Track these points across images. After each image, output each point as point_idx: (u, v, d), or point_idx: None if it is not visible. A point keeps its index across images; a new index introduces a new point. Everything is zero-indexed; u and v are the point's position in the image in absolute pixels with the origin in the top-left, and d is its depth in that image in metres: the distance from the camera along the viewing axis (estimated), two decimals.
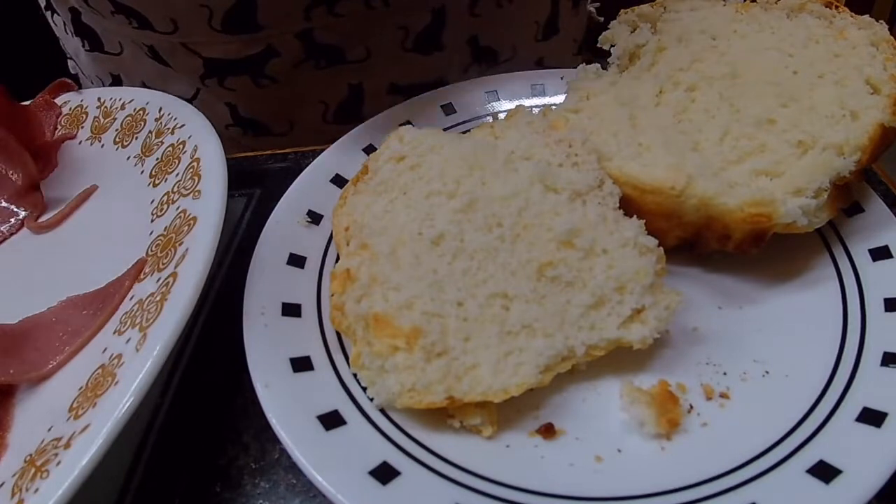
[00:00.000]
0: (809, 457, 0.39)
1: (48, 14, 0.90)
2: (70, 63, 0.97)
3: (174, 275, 0.45)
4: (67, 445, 0.38)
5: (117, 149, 0.64)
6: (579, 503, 0.39)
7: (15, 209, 0.64)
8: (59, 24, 0.89)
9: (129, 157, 0.62)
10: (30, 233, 0.62)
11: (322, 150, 0.61)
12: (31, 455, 0.40)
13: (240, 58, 0.75)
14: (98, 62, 0.86)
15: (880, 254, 0.49)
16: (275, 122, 0.84)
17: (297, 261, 0.52)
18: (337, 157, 0.60)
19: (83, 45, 0.85)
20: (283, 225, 0.54)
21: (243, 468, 0.45)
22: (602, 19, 0.99)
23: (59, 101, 0.71)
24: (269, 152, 0.72)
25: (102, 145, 0.66)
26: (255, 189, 0.66)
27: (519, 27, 0.84)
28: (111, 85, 0.86)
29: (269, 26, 0.72)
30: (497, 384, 0.42)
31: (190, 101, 0.84)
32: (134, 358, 0.41)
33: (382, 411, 0.43)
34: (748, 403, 0.43)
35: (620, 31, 0.60)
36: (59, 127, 0.70)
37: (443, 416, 0.43)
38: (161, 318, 0.42)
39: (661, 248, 0.47)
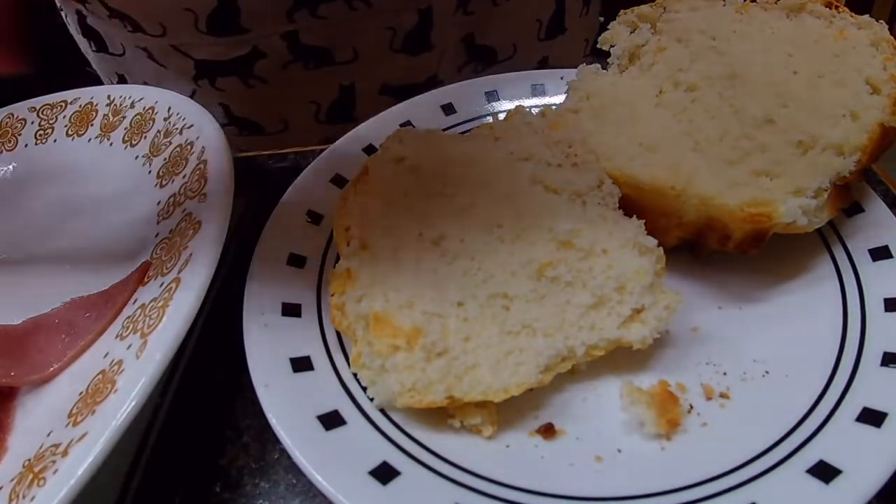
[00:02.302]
0: (809, 457, 0.39)
1: (63, 14, 0.91)
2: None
3: (177, 280, 0.45)
4: (65, 453, 0.38)
5: (126, 147, 0.64)
6: (579, 503, 0.39)
7: None
8: (71, 23, 0.90)
9: (137, 157, 0.62)
10: (32, 231, 0.62)
11: (322, 150, 0.61)
12: (29, 460, 0.40)
13: (227, 59, 0.76)
14: (104, 62, 0.87)
15: (880, 254, 0.49)
16: (268, 122, 0.84)
17: (297, 261, 0.52)
18: (337, 157, 0.60)
19: (90, 46, 0.87)
20: (283, 225, 0.54)
21: (243, 468, 0.45)
22: (602, 19, 0.99)
23: (68, 97, 0.71)
24: (269, 152, 0.72)
25: (111, 143, 0.66)
26: (255, 189, 0.66)
27: (519, 25, 0.83)
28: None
29: (254, 28, 0.73)
30: (497, 384, 0.42)
31: None
32: (134, 365, 0.41)
33: (382, 411, 0.43)
34: (748, 403, 0.43)
35: (620, 31, 0.60)
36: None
37: (443, 415, 0.43)
38: (162, 325, 0.42)
39: (661, 249, 0.47)
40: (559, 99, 0.61)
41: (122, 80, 0.87)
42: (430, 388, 0.42)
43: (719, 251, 0.50)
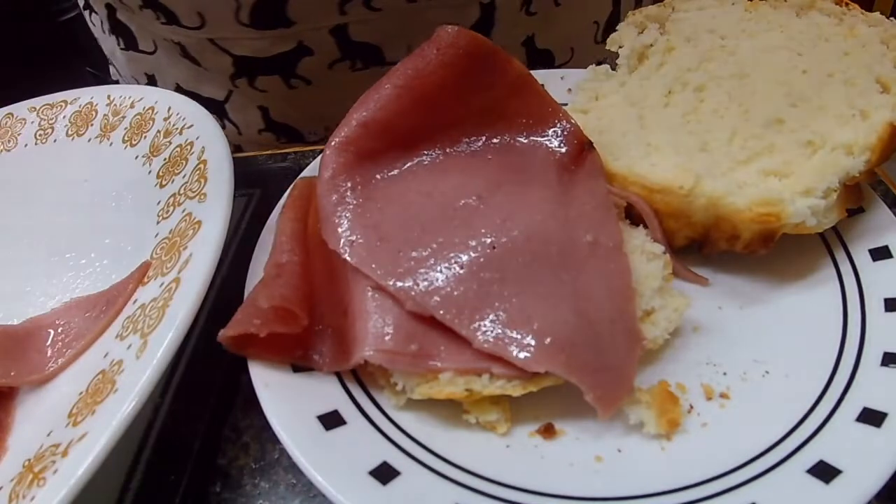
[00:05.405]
0: (809, 457, 0.39)
1: (86, 14, 0.88)
2: (112, 69, 0.95)
3: (177, 280, 0.45)
4: (65, 454, 0.38)
5: (126, 147, 0.64)
6: (579, 503, 0.39)
7: None
8: (96, 23, 0.86)
9: (137, 157, 0.63)
10: (32, 231, 0.62)
11: (322, 150, 0.61)
12: (29, 460, 0.40)
13: (269, 56, 0.72)
14: (133, 62, 0.83)
15: (880, 254, 0.49)
16: (309, 129, 0.81)
17: None
18: None
19: (119, 44, 0.83)
20: None
21: (243, 468, 0.45)
22: None
23: (68, 97, 0.71)
24: (268, 152, 0.72)
25: (111, 143, 0.66)
26: (255, 189, 0.66)
27: (578, 27, 0.80)
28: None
29: (301, 21, 0.69)
30: (515, 378, 0.42)
31: (222, 103, 0.79)
32: (134, 365, 0.41)
33: (382, 411, 0.43)
34: (748, 403, 0.43)
35: (628, 31, 0.60)
36: None
37: (444, 415, 0.43)
38: (162, 326, 0.42)
39: (668, 255, 0.48)
40: (559, 99, 0.61)
41: (151, 80, 0.83)
42: (450, 381, 0.42)
43: (728, 251, 0.50)
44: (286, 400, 0.43)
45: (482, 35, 0.52)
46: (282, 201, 0.55)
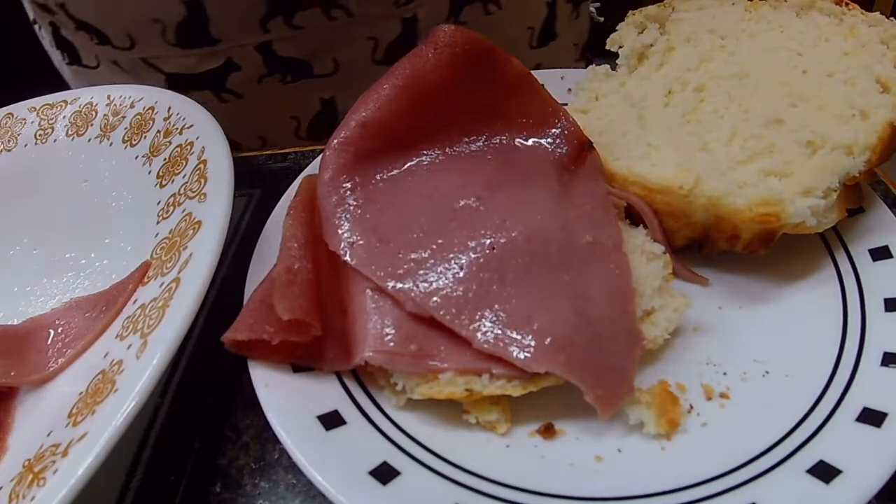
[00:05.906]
0: (809, 457, 0.39)
1: (36, 28, 0.90)
2: None
3: (177, 280, 0.45)
4: (65, 453, 0.38)
5: (126, 147, 0.64)
6: (579, 503, 0.39)
7: None
8: (45, 36, 0.88)
9: (137, 157, 0.63)
10: (32, 231, 0.62)
11: (322, 150, 0.61)
12: (29, 460, 0.40)
13: (199, 72, 0.75)
14: (78, 76, 0.85)
15: (880, 254, 0.49)
16: (245, 139, 0.82)
17: None
18: None
19: (64, 59, 0.85)
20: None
21: (243, 468, 0.45)
22: (602, 19, 0.98)
23: (68, 97, 0.71)
24: (268, 152, 0.72)
25: (111, 143, 0.66)
26: (255, 189, 0.66)
27: (512, 34, 0.81)
28: None
29: (225, 39, 0.72)
30: (515, 378, 0.42)
31: None
32: (134, 365, 0.41)
33: (382, 411, 0.43)
34: (748, 403, 0.43)
35: (628, 32, 0.60)
36: None
37: (444, 415, 0.43)
38: (162, 326, 0.42)
39: (668, 255, 0.48)
40: (559, 99, 0.61)
41: None
42: (450, 381, 0.42)
43: (728, 251, 0.50)
44: (286, 400, 0.43)
45: (408, 46, 0.52)
46: (285, 199, 0.55)
